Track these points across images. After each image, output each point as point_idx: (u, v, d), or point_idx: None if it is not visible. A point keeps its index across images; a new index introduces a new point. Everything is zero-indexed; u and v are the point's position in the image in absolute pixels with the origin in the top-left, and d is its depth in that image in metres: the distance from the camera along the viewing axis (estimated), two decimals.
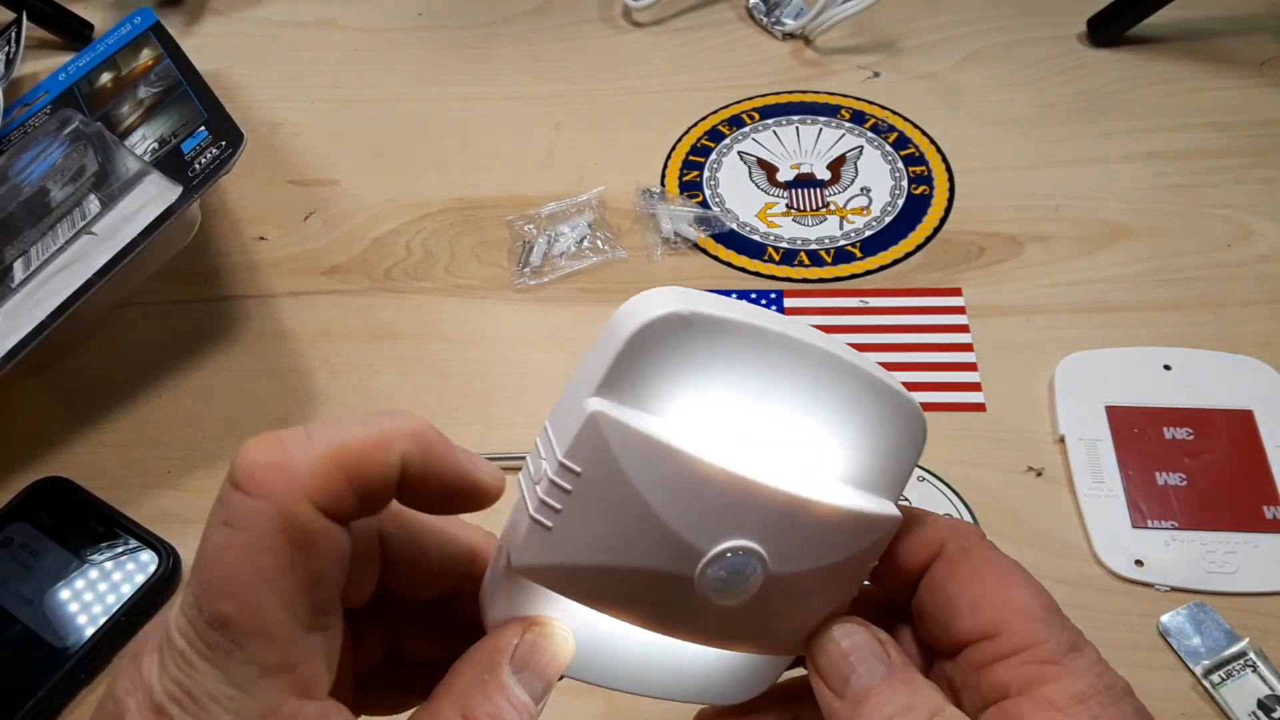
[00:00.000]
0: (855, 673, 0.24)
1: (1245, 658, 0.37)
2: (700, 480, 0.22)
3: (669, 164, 0.58)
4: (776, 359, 0.22)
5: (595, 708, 0.37)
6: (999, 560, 0.25)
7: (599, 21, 0.68)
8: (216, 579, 0.20)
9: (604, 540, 0.23)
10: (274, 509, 0.20)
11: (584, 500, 0.22)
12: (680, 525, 0.23)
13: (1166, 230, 0.52)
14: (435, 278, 0.53)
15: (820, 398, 0.23)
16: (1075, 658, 0.23)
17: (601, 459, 0.22)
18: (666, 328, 0.21)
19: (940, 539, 0.25)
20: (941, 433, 0.45)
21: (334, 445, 0.21)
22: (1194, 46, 0.62)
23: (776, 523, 0.23)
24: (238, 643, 0.20)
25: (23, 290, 0.43)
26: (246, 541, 0.20)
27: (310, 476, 0.20)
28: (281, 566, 0.20)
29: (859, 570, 0.25)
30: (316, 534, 0.20)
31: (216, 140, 0.46)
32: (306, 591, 0.20)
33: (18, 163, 0.48)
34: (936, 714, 0.23)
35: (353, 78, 0.65)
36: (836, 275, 0.52)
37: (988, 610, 0.24)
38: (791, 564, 0.24)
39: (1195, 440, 0.43)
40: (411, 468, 0.22)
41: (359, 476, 0.21)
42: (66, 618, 0.40)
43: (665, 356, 0.22)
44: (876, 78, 0.62)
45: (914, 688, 0.24)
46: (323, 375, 0.49)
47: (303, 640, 0.20)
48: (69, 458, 0.46)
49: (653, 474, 0.22)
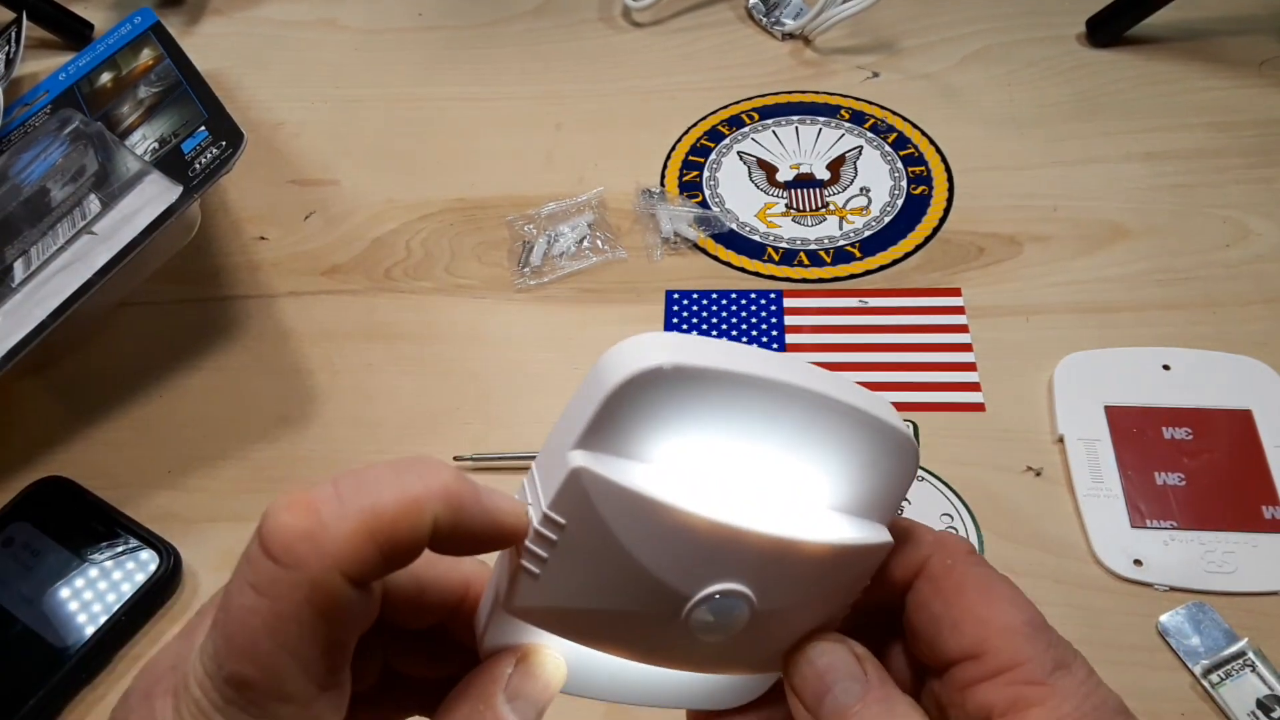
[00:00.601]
0: (830, 693, 0.24)
1: (1244, 657, 0.37)
2: (683, 529, 0.22)
3: (669, 164, 0.58)
4: (760, 403, 0.22)
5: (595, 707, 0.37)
6: (983, 576, 0.25)
7: (599, 22, 0.68)
8: (239, 643, 0.20)
9: (590, 587, 0.23)
10: (304, 580, 0.20)
11: (569, 550, 0.23)
12: (665, 573, 0.23)
13: (1165, 230, 0.52)
14: (435, 278, 0.53)
15: (807, 436, 0.23)
16: (1062, 676, 0.23)
17: (584, 512, 0.22)
18: (648, 382, 0.21)
19: (924, 556, 0.25)
20: (941, 433, 0.45)
21: (365, 512, 0.21)
22: (1193, 46, 0.62)
23: (762, 565, 0.23)
24: (255, 703, 0.20)
25: (23, 290, 0.43)
26: (274, 609, 0.20)
27: (342, 547, 0.20)
28: (305, 635, 0.20)
29: (848, 594, 0.25)
30: (343, 605, 0.21)
31: (217, 140, 0.46)
32: (327, 657, 0.21)
33: (18, 162, 0.48)
34: None
35: (353, 78, 0.65)
36: (836, 275, 0.52)
37: (970, 629, 0.24)
38: (779, 600, 0.24)
39: (1194, 440, 0.43)
40: (442, 528, 0.22)
41: (389, 543, 0.21)
42: (67, 617, 0.40)
43: (648, 409, 0.22)
44: (876, 78, 0.62)
45: (889, 708, 0.24)
46: (323, 375, 0.49)
47: (318, 699, 0.21)
48: (69, 457, 0.46)
49: (636, 526, 0.22)
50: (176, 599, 0.41)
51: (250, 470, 0.46)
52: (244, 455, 0.46)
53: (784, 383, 0.22)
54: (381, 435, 0.46)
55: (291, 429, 0.47)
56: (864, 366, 0.47)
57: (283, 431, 0.47)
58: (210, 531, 0.43)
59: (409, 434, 0.46)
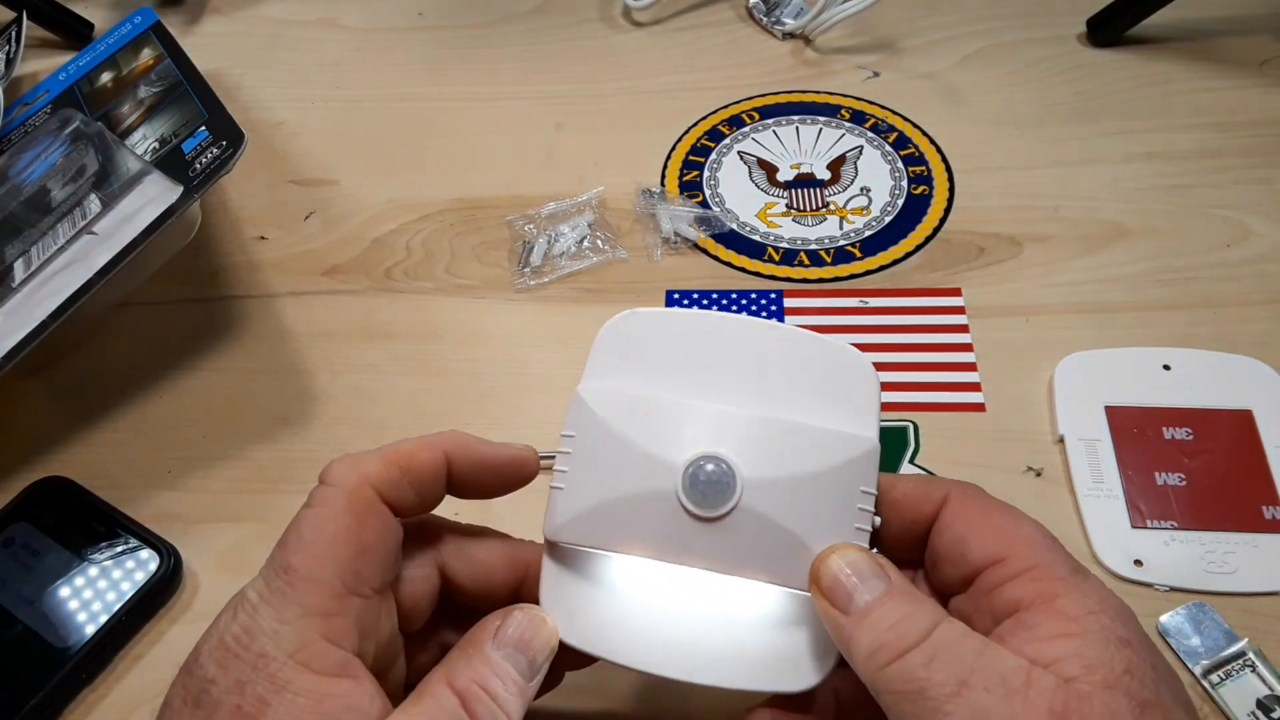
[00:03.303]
0: (858, 590, 0.26)
1: (1244, 658, 0.37)
2: (666, 412, 0.28)
3: (669, 164, 0.58)
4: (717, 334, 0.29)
5: (595, 704, 0.37)
6: (1002, 504, 0.28)
7: (599, 21, 0.68)
8: (290, 540, 0.26)
9: (600, 480, 0.28)
10: (343, 492, 0.27)
11: (581, 456, 0.28)
12: (654, 448, 0.28)
13: (1166, 230, 0.52)
14: (435, 278, 0.53)
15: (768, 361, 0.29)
16: (1081, 579, 0.25)
17: (588, 421, 0.28)
18: (621, 325, 0.30)
19: (945, 489, 0.28)
20: (941, 433, 0.45)
21: (390, 450, 0.28)
22: (1194, 47, 0.62)
23: (741, 436, 0.28)
24: (292, 585, 0.25)
25: (23, 290, 0.43)
26: (320, 514, 0.26)
27: (372, 468, 0.27)
28: (339, 531, 0.26)
29: (849, 497, 0.27)
30: (371, 510, 0.27)
31: (217, 140, 0.46)
32: (356, 558, 0.26)
33: (18, 162, 0.48)
34: (937, 623, 0.24)
35: (353, 77, 0.65)
36: (836, 275, 0.52)
37: (995, 540, 0.26)
38: (763, 469, 0.27)
39: (1194, 440, 0.43)
40: (456, 462, 0.29)
41: (411, 469, 0.28)
42: (67, 617, 0.40)
43: (628, 346, 0.30)
44: (876, 77, 0.62)
45: (915, 600, 0.25)
46: (323, 375, 0.49)
47: (343, 596, 0.25)
48: (69, 457, 0.46)
49: (626, 416, 0.28)
50: (177, 599, 0.41)
51: (250, 470, 0.46)
52: (244, 455, 0.46)
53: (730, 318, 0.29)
54: (382, 435, 0.46)
55: (291, 429, 0.47)
56: None
57: (283, 431, 0.47)
58: (210, 531, 0.43)
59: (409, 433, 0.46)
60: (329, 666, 0.24)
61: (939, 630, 0.24)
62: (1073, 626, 0.24)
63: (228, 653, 0.24)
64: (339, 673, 0.25)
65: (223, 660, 0.24)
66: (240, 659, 0.24)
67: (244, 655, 0.24)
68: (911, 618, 0.24)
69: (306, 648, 0.24)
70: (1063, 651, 0.23)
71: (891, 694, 0.24)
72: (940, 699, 0.23)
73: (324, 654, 0.24)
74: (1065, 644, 0.23)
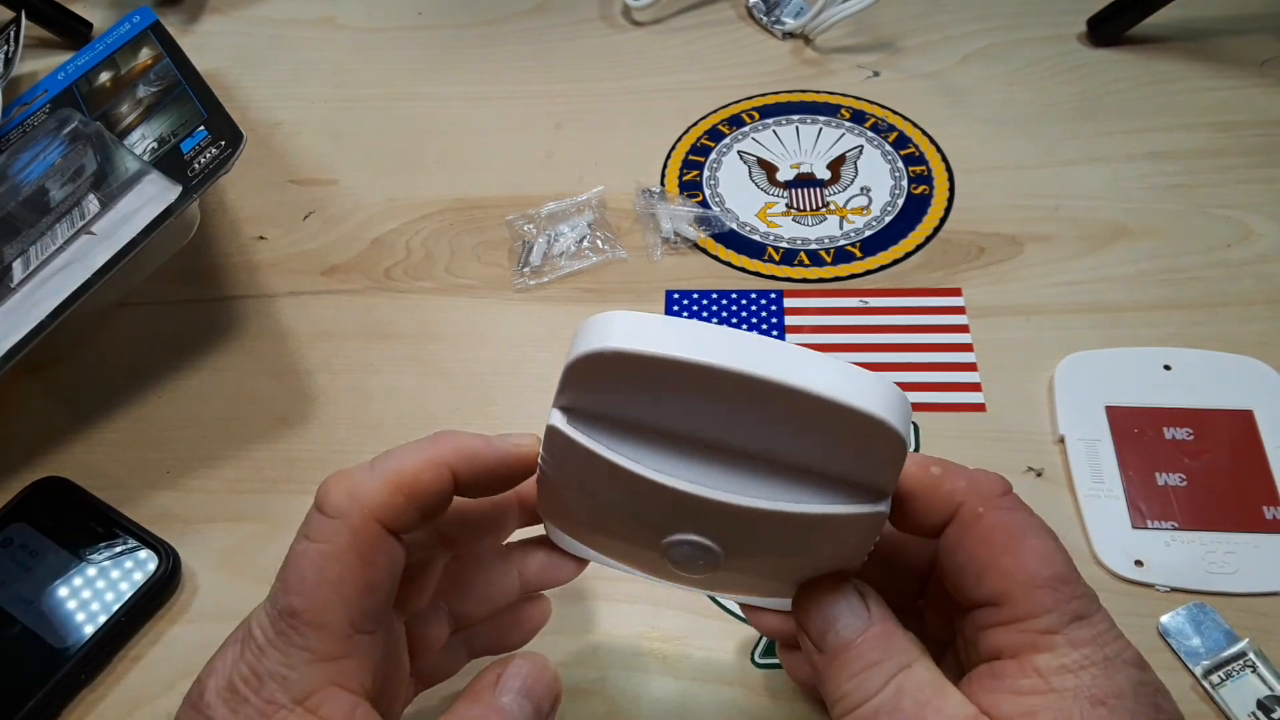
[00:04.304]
0: (833, 629, 0.25)
1: (1245, 658, 0.37)
2: (643, 488, 0.24)
3: (669, 163, 0.58)
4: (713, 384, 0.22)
5: (595, 707, 0.37)
6: (1012, 525, 0.25)
7: (599, 21, 0.67)
8: (291, 580, 0.25)
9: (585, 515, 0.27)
10: (345, 526, 0.25)
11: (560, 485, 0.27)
12: (634, 516, 0.26)
13: (1167, 230, 0.52)
14: (435, 277, 0.53)
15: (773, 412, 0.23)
16: (1078, 627, 0.24)
17: (562, 460, 0.26)
18: (595, 362, 0.23)
19: (957, 502, 0.25)
20: (941, 433, 0.45)
21: (391, 472, 0.26)
22: (1194, 46, 0.62)
23: (722, 523, 0.25)
24: (298, 630, 0.24)
25: (22, 290, 0.43)
26: (321, 550, 0.25)
27: (375, 498, 0.25)
28: (345, 573, 0.25)
29: (850, 551, 0.26)
30: (377, 548, 0.25)
31: (216, 140, 0.46)
32: (362, 596, 0.25)
33: (16, 162, 0.48)
34: (905, 667, 0.24)
35: (352, 77, 0.65)
36: (836, 275, 0.52)
37: (992, 580, 0.24)
38: (748, 555, 0.26)
39: (1195, 440, 0.43)
40: (463, 475, 0.27)
41: (415, 493, 0.26)
42: (66, 618, 0.40)
43: (602, 381, 0.23)
44: (876, 77, 0.62)
45: (888, 641, 0.25)
46: (322, 375, 0.49)
47: (352, 637, 0.25)
48: (68, 457, 0.46)
49: (601, 479, 0.25)
50: (176, 599, 0.41)
51: (250, 470, 0.45)
52: (243, 455, 0.46)
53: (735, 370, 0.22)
54: (381, 435, 0.46)
55: (291, 429, 0.47)
56: (865, 367, 0.47)
57: (282, 431, 0.47)
58: (209, 532, 0.43)
59: (409, 434, 0.45)
60: (338, 714, 0.24)
61: (897, 680, 0.24)
62: (1039, 684, 0.23)
63: (236, 695, 0.24)
64: (349, 718, 0.24)
65: (232, 704, 0.24)
66: (249, 703, 0.24)
67: (252, 700, 0.24)
68: (876, 667, 0.24)
69: (315, 694, 0.24)
70: (1017, 708, 0.23)
71: None
72: None
73: (333, 700, 0.24)
74: (1023, 701, 0.23)
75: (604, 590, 0.40)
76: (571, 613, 0.40)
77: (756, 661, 0.38)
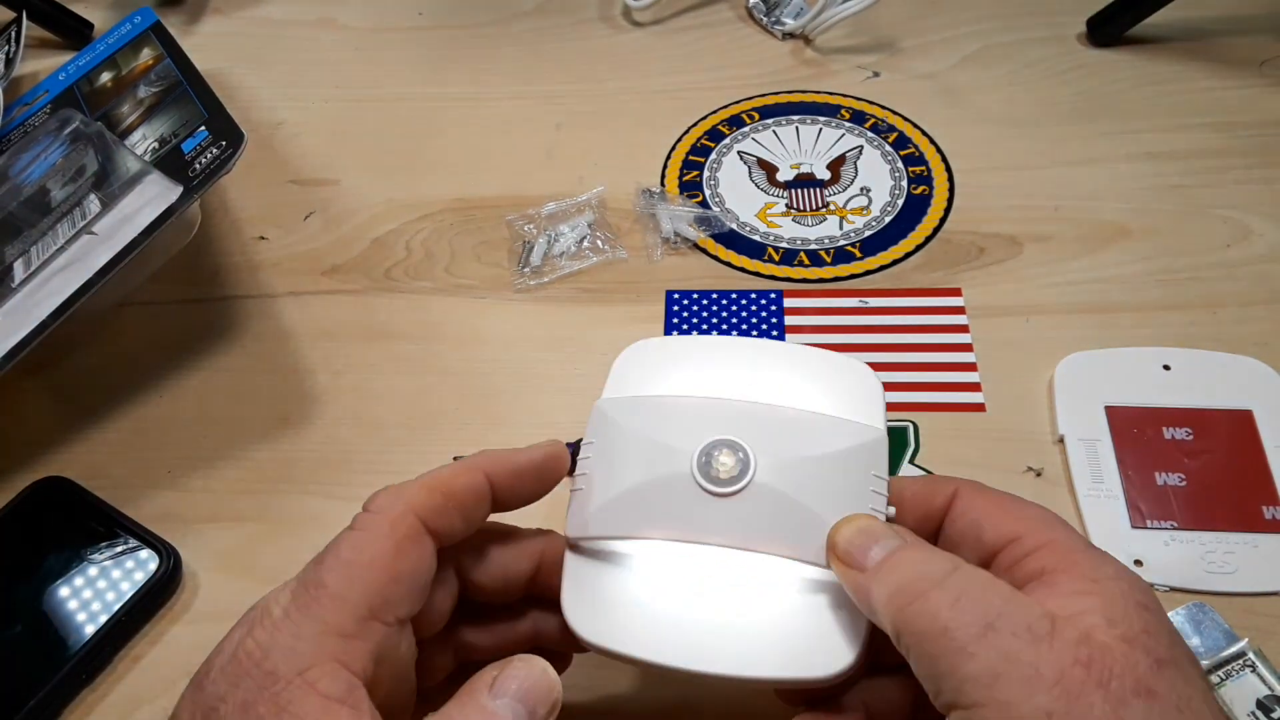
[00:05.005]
0: (873, 548, 0.26)
1: (1244, 658, 0.37)
2: (680, 407, 0.30)
3: (669, 164, 0.58)
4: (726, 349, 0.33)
5: (595, 705, 0.37)
6: (1009, 494, 0.29)
7: (599, 21, 0.68)
8: (329, 558, 0.26)
9: (618, 475, 0.29)
10: (387, 519, 0.27)
11: (600, 459, 0.30)
12: (668, 438, 0.29)
13: (1166, 230, 0.52)
14: (435, 278, 0.53)
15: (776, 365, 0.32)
16: (1097, 552, 0.26)
17: (605, 427, 0.30)
18: (635, 351, 0.33)
19: (953, 485, 0.29)
20: (941, 433, 0.45)
21: (431, 476, 0.29)
22: (1194, 46, 0.62)
23: (752, 422, 0.29)
24: (319, 601, 0.25)
25: (23, 290, 0.43)
26: (361, 537, 0.27)
27: (418, 497, 0.28)
28: (377, 556, 0.26)
29: (862, 479, 0.29)
30: (413, 540, 0.27)
31: (217, 140, 0.46)
32: (388, 583, 0.26)
33: (18, 162, 0.48)
34: (959, 566, 0.25)
35: (353, 77, 0.65)
36: (836, 275, 0.52)
37: (1009, 522, 0.27)
38: (775, 450, 0.29)
39: (1194, 440, 0.43)
40: (496, 479, 0.29)
41: (454, 494, 0.28)
42: (67, 617, 0.40)
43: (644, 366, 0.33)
44: (876, 77, 0.62)
45: (930, 551, 0.26)
46: (323, 375, 0.49)
47: (365, 620, 0.25)
48: (69, 457, 0.46)
49: (640, 415, 0.30)
50: (176, 599, 0.41)
51: (250, 470, 0.45)
52: (244, 455, 0.46)
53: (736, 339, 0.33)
54: (382, 435, 0.46)
55: (292, 429, 0.47)
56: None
57: (283, 431, 0.47)
58: (210, 531, 0.43)
59: (409, 433, 0.46)
60: (335, 690, 0.24)
61: (961, 572, 0.25)
62: (1094, 586, 0.24)
63: (239, 669, 0.24)
64: (343, 699, 0.24)
65: (234, 677, 0.24)
66: (249, 676, 0.24)
67: (254, 672, 0.24)
68: (932, 560, 0.25)
69: (317, 667, 0.24)
70: (1084, 606, 0.24)
71: (914, 635, 0.24)
72: (965, 640, 0.23)
73: (332, 675, 0.24)
74: (1086, 600, 0.24)
75: None
76: None
77: None
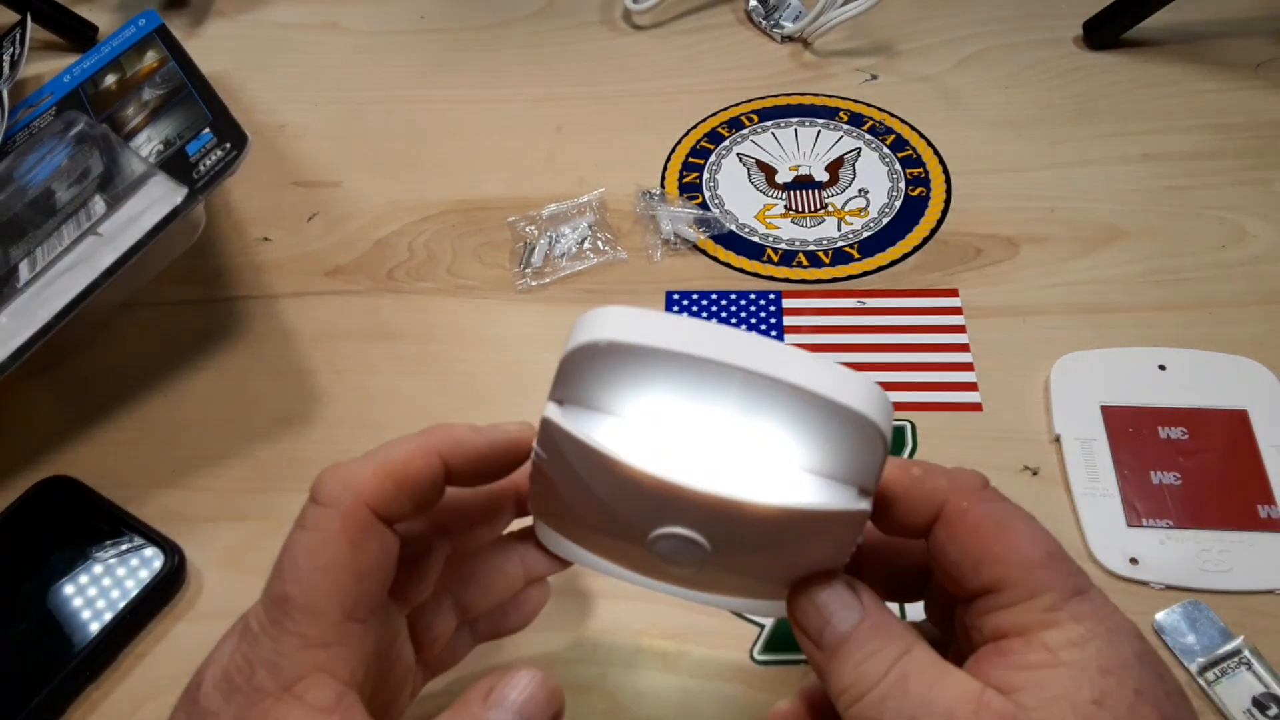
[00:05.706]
0: (829, 624, 0.25)
1: (1239, 655, 0.37)
2: (630, 479, 0.24)
3: (669, 166, 0.58)
4: (706, 377, 0.23)
5: (596, 704, 0.38)
6: (998, 515, 0.25)
7: (600, 24, 0.68)
8: (285, 567, 0.25)
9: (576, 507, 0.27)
10: (337, 514, 0.25)
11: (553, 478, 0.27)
12: (622, 509, 0.26)
13: (1162, 231, 0.52)
14: (437, 279, 0.53)
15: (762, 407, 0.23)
16: (1079, 603, 0.24)
17: (555, 453, 0.26)
18: (589, 354, 0.24)
19: (940, 501, 0.26)
20: (938, 432, 0.45)
21: (382, 460, 0.26)
22: (1190, 49, 0.62)
23: (709, 517, 0.25)
24: (290, 616, 0.24)
25: (28, 291, 0.43)
26: (313, 539, 0.25)
27: (366, 486, 0.26)
28: (335, 558, 0.25)
29: (835, 548, 0.26)
30: (368, 534, 0.26)
31: (221, 142, 0.46)
32: (354, 582, 0.25)
33: (23, 164, 0.49)
34: (905, 652, 0.24)
35: (356, 80, 0.65)
36: (834, 276, 0.52)
37: (988, 568, 0.25)
38: (737, 549, 0.26)
39: (1190, 440, 0.43)
40: (454, 463, 0.27)
41: (406, 481, 0.26)
42: (72, 615, 0.40)
43: (598, 373, 0.24)
44: (874, 80, 0.63)
45: (884, 630, 0.25)
46: (326, 375, 0.49)
47: (343, 625, 0.25)
48: (74, 457, 0.47)
49: (593, 470, 0.25)
50: (181, 596, 0.42)
51: (254, 469, 0.46)
52: (247, 454, 0.46)
53: (723, 362, 0.23)
54: (384, 435, 0.46)
55: (294, 429, 0.47)
56: (862, 366, 0.47)
57: (285, 431, 0.47)
58: (214, 530, 0.44)
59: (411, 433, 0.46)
60: (323, 701, 0.24)
61: (899, 665, 0.24)
62: (1048, 658, 0.23)
63: (230, 684, 0.24)
64: (332, 708, 0.24)
65: (225, 692, 0.24)
66: (240, 692, 0.24)
67: (244, 688, 0.24)
68: (876, 655, 0.24)
69: (302, 680, 0.24)
70: (1027, 681, 0.23)
71: None
72: None
73: (320, 686, 0.24)
74: (1032, 674, 0.23)
75: (604, 588, 0.40)
76: (572, 610, 0.40)
77: (756, 658, 0.39)
